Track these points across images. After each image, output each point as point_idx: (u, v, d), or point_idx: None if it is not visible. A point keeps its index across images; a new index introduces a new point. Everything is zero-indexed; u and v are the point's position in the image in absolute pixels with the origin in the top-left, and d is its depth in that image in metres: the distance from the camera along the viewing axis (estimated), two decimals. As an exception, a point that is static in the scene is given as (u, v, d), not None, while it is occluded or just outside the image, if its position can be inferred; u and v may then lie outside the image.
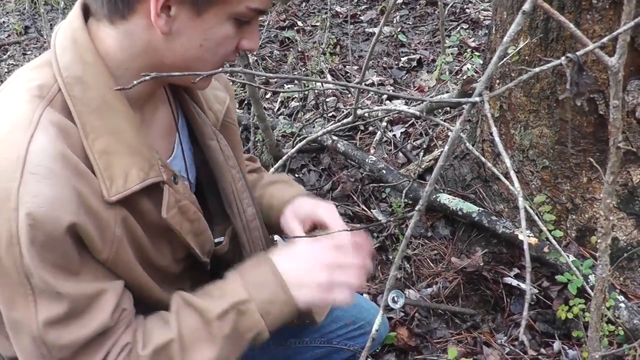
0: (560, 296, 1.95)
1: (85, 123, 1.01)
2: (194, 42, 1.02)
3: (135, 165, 1.05)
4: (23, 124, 0.95)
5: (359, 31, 4.81)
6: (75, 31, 1.04)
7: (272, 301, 1.16)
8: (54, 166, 0.94)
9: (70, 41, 1.03)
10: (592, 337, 1.04)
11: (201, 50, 1.04)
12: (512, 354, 1.91)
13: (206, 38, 1.02)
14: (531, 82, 1.92)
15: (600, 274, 0.96)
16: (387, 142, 3.05)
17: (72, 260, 0.98)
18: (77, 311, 1.00)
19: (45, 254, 0.94)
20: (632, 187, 1.86)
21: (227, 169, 1.31)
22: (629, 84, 1.74)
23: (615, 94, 0.81)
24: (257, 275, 1.19)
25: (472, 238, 2.23)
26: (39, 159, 0.93)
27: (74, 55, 1.02)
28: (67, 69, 1.02)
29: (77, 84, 1.02)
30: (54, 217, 0.93)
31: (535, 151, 1.99)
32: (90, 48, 1.03)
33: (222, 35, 1.03)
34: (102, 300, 1.03)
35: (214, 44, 1.04)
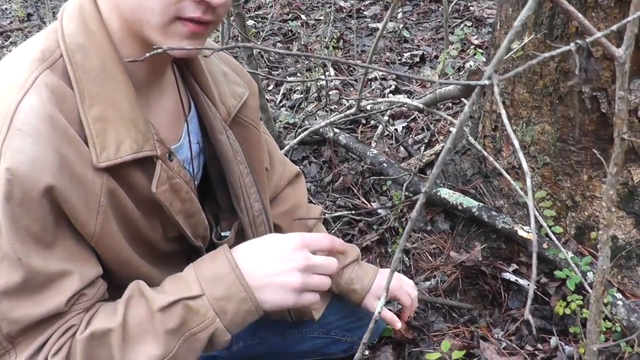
0: (558, 292, 1.95)
1: (84, 89, 1.01)
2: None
3: (129, 137, 1.04)
4: (18, 82, 0.97)
5: (363, 26, 4.81)
6: (82, 0, 1.05)
7: (228, 298, 1.10)
8: (40, 126, 0.95)
9: (77, 10, 1.05)
10: (590, 329, 1.04)
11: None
12: (508, 348, 1.91)
13: None
14: (534, 79, 1.93)
15: (601, 266, 0.97)
16: (388, 136, 3.06)
17: (47, 230, 0.97)
18: (34, 287, 0.98)
19: (21, 215, 0.93)
20: (632, 187, 1.86)
21: (235, 164, 1.32)
22: (632, 83, 1.74)
23: (622, 85, 0.81)
24: (213, 268, 1.14)
25: (472, 233, 2.24)
26: (26, 117, 0.94)
27: (79, 23, 1.03)
28: (71, 36, 1.02)
29: (79, 50, 1.02)
30: (33, 175, 0.93)
31: (536, 148, 1.99)
32: (95, 17, 1.04)
33: None
34: (64, 282, 1.01)
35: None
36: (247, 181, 1.34)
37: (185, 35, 1.02)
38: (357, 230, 2.50)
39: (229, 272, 1.12)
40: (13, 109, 0.94)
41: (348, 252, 1.64)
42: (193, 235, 1.26)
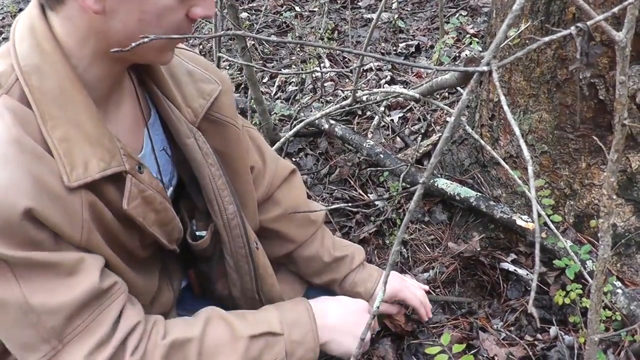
0: (557, 282, 1.94)
1: (44, 112, 0.98)
2: (132, 17, 0.97)
3: (95, 155, 1.03)
4: None
5: (357, 17, 4.78)
6: (33, 19, 1.01)
7: (301, 344, 1.26)
8: (8, 151, 0.93)
9: (28, 29, 1.01)
10: (591, 319, 1.03)
11: (142, 25, 0.99)
12: (508, 339, 1.90)
13: (143, 11, 0.97)
14: (531, 67, 1.91)
15: (602, 255, 0.95)
16: (385, 127, 3.04)
17: (44, 241, 0.97)
18: (60, 275, 0.98)
19: (7, 239, 0.92)
20: (631, 173, 1.85)
21: (205, 167, 1.29)
22: (630, 69, 1.72)
23: (622, 69, 0.79)
24: (294, 314, 1.30)
25: (470, 223, 2.22)
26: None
27: (32, 44, 1.00)
28: (25, 58, 0.99)
29: (34, 72, 0.99)
30: (8, 203, 0.91)
31: (534, 136, 1.98)
32: (47, 36, 1.00)
33: (161, 7, 0.98)
34: (86, 264, 1.02)
35: (154, 17, 0.98)
36: (219, 184, 1.32)
37: (173, 49, 1.07)
38: (355, 222, 2.48)
39: (308, 322, 1.29)
40: None
41: (354, 255, 1.67)
42: (168, 241, 1.26)
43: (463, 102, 0.59)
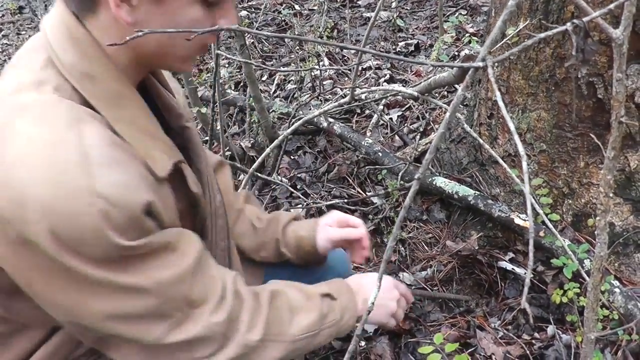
0: (555, 281, 1.94)
1: (109, 114, 1.01)
2: (162, 28, 1.00)
3: (160, 149, 1.08)
4: (64, 123, 0.94)
5: (357, 15, 4.78)
6: (70, 29, 1.01)
7: (347, 309, 1.34)
8: (114, 153, 0.96)
9: (68, 39, 1.01)
10: (588, 317, 1.03)
11: (172, 39, 1.02)
12: (505, 337, 1.90)
13: (176, 23, 1.00)
14: (530, 65, 1.91)
15: (599, 253, 0.95)
16: (383, 126, 3.04)
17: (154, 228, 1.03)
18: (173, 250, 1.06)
19: (130, 232, 0.96)
20: (630, 173, 1.84)
21: (203, 152, 1.32)
22: (629, 68, 1.72)
23: (619, 67, 0.79)
24: (336, 285, 1.39)
25: (468, 222, 2.22)
26: (99, 150, 0.94)
27: (78, 52, 1.01)
28: (75, 67, 1.00)
29: (87, 79, 1.00)
30: (131, 200, 0.95)
31: (532, 135, 1.98)
32: (91, 44, 1.02)
33: (190, 19, 1.01)
34: (183, 235, 1.10)
35: (185, 28, 1.00)
36: (210, 171, 1.34)
37: (195, 58, 1.12)
38: (353, 220, 2.48)
39: (349, 292, 1.38)
40: (82, 148, 0.93)
41: (281, 213, 1.67)
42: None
43: (458, 98, 0.58)
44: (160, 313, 1.04)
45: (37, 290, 1.00)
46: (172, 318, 1.06)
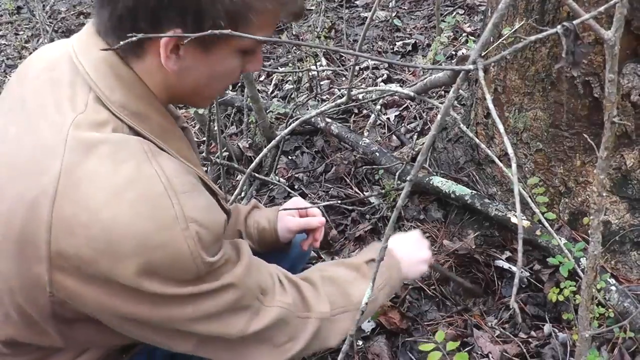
0: (551, 279, 1.95)
1: (162, 145, 1.06)
2: (204, 74, 1.07)
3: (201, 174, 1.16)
4: (141, 158, 0.98)
5: (354, 15, 4.79)
6: (114, 67, 1.03)
7: (391, 266, 1.46)
8: (190, 178, 1.03)
9: (113, 77, 1.03)
10: (582, 315, 1.03)
11: (210, 80, 1.09)
12: (502, 336, 1.91)
13: (215, 70, 1.07)
14: (526, 65, 1.91)
15: (592, 252, 0.96)
16: (381, 125, 3.04)
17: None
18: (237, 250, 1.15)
19: (214, 250, 1.02)
20: (626, 171, 1.85)
21: (197, 153, 1.37)
22: (625, 67, 1.73)
23: (611, 68, 0.80)
24: (373, 249, 1.51)
25: (465, 221, 2.23)
26: (179, 179, 0.99)
27: (125, 91, 1.03)
28: (124, 106, 1.02)
29: (137, 117, 1.03)
30: (215, 219, 1.02)
31: (529, 134, 1.98)
32: (137, 81, 1.05)
33: (230, 67, 1.08)
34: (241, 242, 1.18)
35: (222, 75, 1.09)
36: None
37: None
38: (350, 220, 2.49)
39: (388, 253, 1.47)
40: (164, 179, 0.96)
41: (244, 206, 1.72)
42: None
43: (449, 101, 0.59)
44: (241, 305, 1.09)
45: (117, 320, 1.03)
46: (252, 308, 1.11)
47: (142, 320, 1.01)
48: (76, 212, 0.91)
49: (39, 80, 1.07)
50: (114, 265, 0.92)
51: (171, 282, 0.97)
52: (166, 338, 1.07)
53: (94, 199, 0.91)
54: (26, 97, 1.06)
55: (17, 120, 1.04)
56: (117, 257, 0.91)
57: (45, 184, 0.92)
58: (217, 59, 1.05)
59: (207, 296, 1.03)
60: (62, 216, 0.91)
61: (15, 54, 5.17)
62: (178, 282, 0.98)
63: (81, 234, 0.91)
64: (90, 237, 0.91)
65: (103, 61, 1.03)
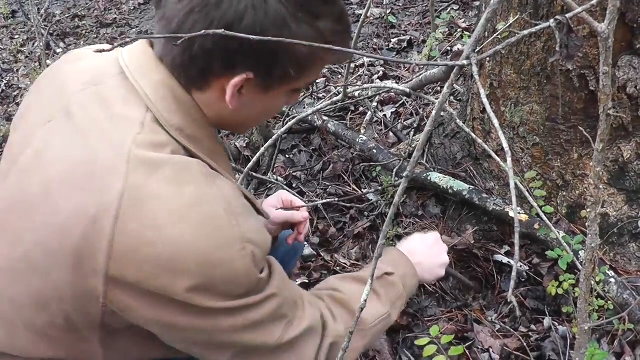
0: (550, 273, 1.95)
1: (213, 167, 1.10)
2: (257, 111, 1.14)
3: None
4: (203, 181, 1.02)
5: (349, 13, 4.77)
6: (175, 92, 1.06)
7: (406, 275, 1.47)
8: (244, 201, 1.08)
9: (173, 101, 1.05)
10: (581, 308, 1.04)
11: (259, 115, 1.19)
12: (502, 330, 1.91)
13: (267, 108, 1.16)
14: (521, 59, 1.92)
15: (590, 244, 0.96)
16: (377, 122, 3.04)
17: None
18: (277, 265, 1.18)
19: (262, 267, 1.08)
20: (623, 163, 1.86)
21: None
22: (620, 60, 1.73)
23: (606, 60, 0.80)
24: (389, 257, 1.51)
25: (463, 216, 2.23)
26: (236, 201, 1.04)
27: (184, 115, 1.06)
28: (182, 129, 1.06)
29: (193, 140, 1.07)
30: (267, 240, 1.09)
31: (525, 128, 1.98)
32: (196, 108, 1.08)
33: (279, 104, 1.17)
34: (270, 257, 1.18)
35: (272, 111, 1.23)
36: None
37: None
38: (349, 218, 2.49)
39: (401, 257, 1.52)
40: (224, 200, 1.01)
41: None
42: None
43: (444, 96, 0.59)
44: (280, 313, 1.13)
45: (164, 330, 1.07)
46: (287, 317, 1.15)
47: (188, 330, 1.05)
48: (141, 230, 0.94)
49: (84, 93, 1.08)
50: (172, 281, 0.96)
51: (223, 297, 1.02)
52: (205, 349, 1.12)
53: (160, 218, 0.95)
54: (71, 109, 1.07)
55: (63, 132, 1.05)
56: (177, 273, 0.96)
57: (107, 201, 0.95)
58: (273, 98, 1.11)
59: (253, 307, 1.07)
60: (125, 232, 0.94)
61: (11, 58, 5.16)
62: (230, 297, 1.02)
63: (145, 250, 0.94)
64: (154, 254, 0.95)
65: (163, 85, 1.05)
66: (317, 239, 2.41)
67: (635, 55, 1.71)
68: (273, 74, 1.04)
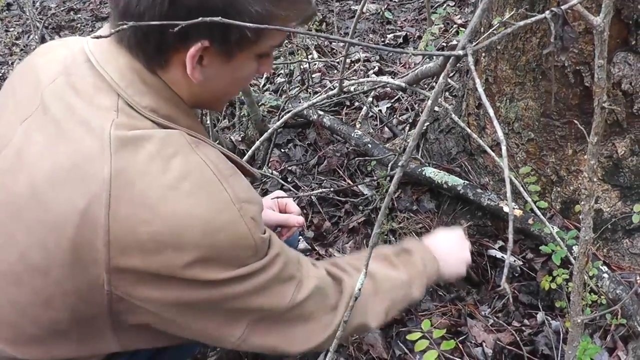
0: (544, 268, 1.96)
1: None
2: (225, 81, 1.11)
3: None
4: (186, 149, 1.01)
5: (345, 8, 4.79)
6: (142, 75, 1.05)
7: (427, 258, 1.47)
8: (229, 163, 1.07)
9: (142, 85, 1.05)
10: (574, 301, 1.04)
11: (230, 87, 1.15)
12: (496, 325, 1.92)
13: (235, 76, 1.11)
14: (517, 55, 1.92)
15: (584, 237, 0.97)
16: (372, 117, 3.05)
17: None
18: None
19: (262, 226, 1.07)
20: (617, 159, 1.86)
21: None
22: (615, 56, 1.73)
23: (601, 53, 0.80)
24: (409, 244, 1.52)
25: (457, 211, 2.23)
26: (222, 164, 1.04)
27: (154, 96, 1.05)
28: (156, 110, 1.05)
29: (169, 119, 1.06)
30: (257, 197, 1.08)
31: (520, 124, 1.99)
32: (164, 87, 1.07)
33: (248, 72, 1.13)
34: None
35: (241, 80, 1.15)
36: None
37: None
38: (344, 212, 2.49)
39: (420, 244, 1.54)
40: (211, 165, 1.01)
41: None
42: None
43: (439, 86, 0.59)
44: (287, 274, 1.13)
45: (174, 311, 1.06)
46: (295, 277, 1.15)
47: (200, 306, 1.05)
48: (135, 211, 0.94)
49: (56, 84, 1.07)
50: (179, 255, 0.95)
51: (231, 266, 1.01)
52: (218, 327, 1.10)
53: (151, 196, 0.95)
54: (47, 103, 1.06)
55: (42, 128, 1.04)
56: (181, 247, 0.95)
57: (95, 190, 0.94)
58: (238, 66, 1.08)
59: (262, 271, 1.07)
60: (119, 218, 0.94)
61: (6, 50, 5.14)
62: (237, 264, 1.02)
63: (143, 230, 0.94)
64: (152, 232, 0.94)
65: (129, 68, 1.04)
66: (312, 233, 2.41)
67: (631, 51, 1.72)
68: (229, 39, 1.01)
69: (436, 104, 0.57)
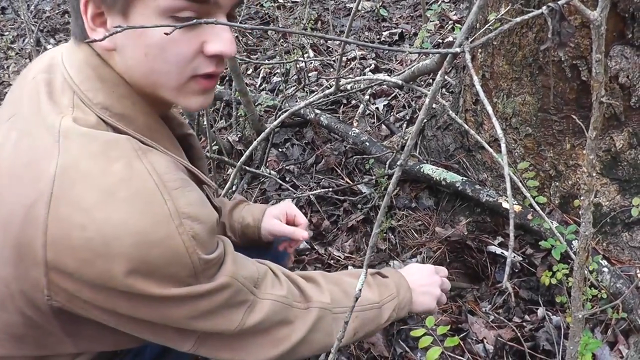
0: (544, 263, 1.96)
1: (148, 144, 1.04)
2: (139, 51, 0.99)
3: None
4: (132, 156, 0.95)
5: (340, 6, 4.78)
6: (96, 69, 1.02)
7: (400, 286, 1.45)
8: (180, 175, 1.01)
9: (98, 80, 1.01)
10: (575, 296, 1.04)
11: (149, 60, 0.99)
12: (496, 321, 1.92)
13: (146, 45, 0.97)
14: (513, 50, 1.92)
15: (584, 232, 0.96)
16: (370, 115, 3.04)
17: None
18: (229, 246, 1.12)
19: (209, 247, 1.01)
20: (615, 153, 1.86)
21: (204, 157, 1.36)
22: (612, 50, 1.73)
23: (598, 47, 0.80)
24: (385, 269, 1.52)
25: (456, 208, 2.23)
26: (169, 175, 0.97)
27: (108, 93, 1.01)
28: (109, 108, 1.01)
29: (123, 118, 1.01)
30: (208, 214, 1.01)
31: (518, 119, 1.99)
32: (117, 80, 1.03)
33: (161, 38, 0.96)
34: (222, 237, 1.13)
35: (158, 50, 0.97)
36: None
37: (198, 92, 1.06)
38: (342, 211, 2.49)
39: (395, 272, 1.52)
40: (155, 175, 0.95)
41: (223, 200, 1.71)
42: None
43: (437, 84, 0.59)
44: (238, 300, 1.09)
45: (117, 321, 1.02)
46: (247, 302, 1.11)
47: (140, 320, 1.01)
48: (71, 213, 0.89)
49: (35, 82, 1.06)
50: (110, 266, 0.90)
51: (168, 282, 0.96)
52: (166, 339, 1.07)
53: (88, 199, 0.90)
54: (24, 100, 1.05)
55: (17, 125, 1.03)
56: (113, 257, 0.90)
57: (41, 187, 0.91)
58: (143, 29, 0.95)
59: (204, 296, 1.02)
60: (58, 218, 0.89)
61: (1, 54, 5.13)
62: (174, 281, 0.96)
63: (77, 235, 0.89)
64: (86, 238, 0.89)
65: (86, 63, 1.02)
66: (311, 232, 2.41)
67: (627, 45, 1.72)
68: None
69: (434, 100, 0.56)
